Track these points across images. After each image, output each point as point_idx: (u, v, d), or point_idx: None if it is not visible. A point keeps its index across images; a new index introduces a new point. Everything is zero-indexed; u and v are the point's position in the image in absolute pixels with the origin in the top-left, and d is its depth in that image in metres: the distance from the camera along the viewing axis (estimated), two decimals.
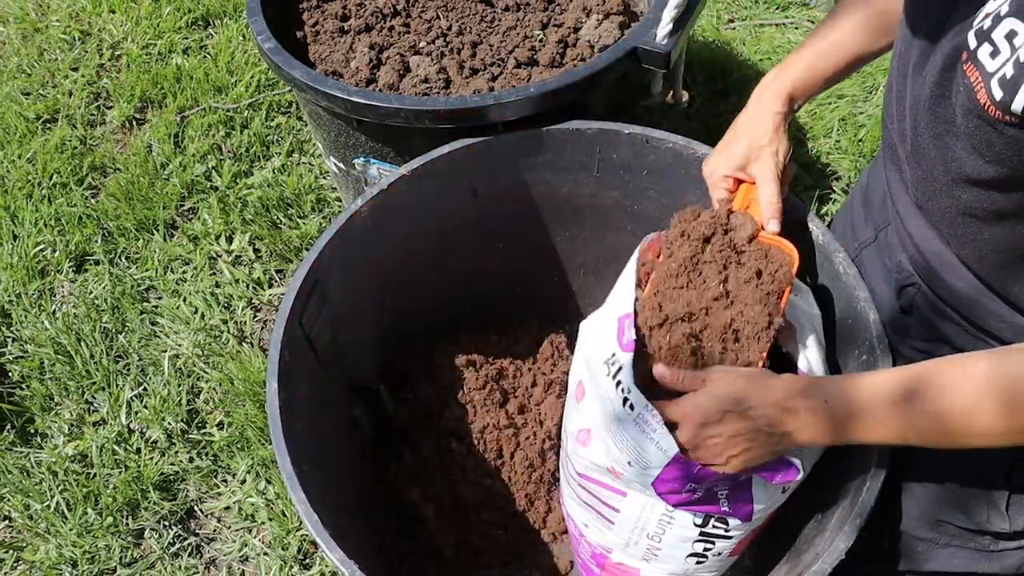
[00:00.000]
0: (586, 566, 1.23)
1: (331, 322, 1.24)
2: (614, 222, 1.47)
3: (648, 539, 1.07)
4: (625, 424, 0.94)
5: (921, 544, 1.06)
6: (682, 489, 0.97)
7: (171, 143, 2.22)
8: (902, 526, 1.07)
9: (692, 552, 1.06)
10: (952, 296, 0.92)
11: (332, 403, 1.31)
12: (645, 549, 1.08)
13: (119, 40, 2.50)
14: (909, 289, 1.00)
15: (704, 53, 2.37)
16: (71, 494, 1.66)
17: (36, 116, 2.32)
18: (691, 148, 1.29)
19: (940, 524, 1.03)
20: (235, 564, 1.62)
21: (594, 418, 1.00)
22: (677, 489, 0.97)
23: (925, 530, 1.04)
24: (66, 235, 2.06)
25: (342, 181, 1.71)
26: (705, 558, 1.07)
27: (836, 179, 2.12)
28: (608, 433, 0.98)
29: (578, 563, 1.28)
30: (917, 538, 1.06)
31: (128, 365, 1.84)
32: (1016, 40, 0.67)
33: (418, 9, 1.63)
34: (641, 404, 0.92)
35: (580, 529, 1.18)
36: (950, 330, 0.95)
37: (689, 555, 1.07)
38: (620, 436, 0.95)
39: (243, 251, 2.01)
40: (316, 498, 0.99)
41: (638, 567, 1.12)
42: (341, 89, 1.34)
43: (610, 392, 0.96)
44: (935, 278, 0.93)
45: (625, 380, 0.94)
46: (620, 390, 0.94)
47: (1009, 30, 0.68)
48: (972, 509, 0.99)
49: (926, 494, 1.03)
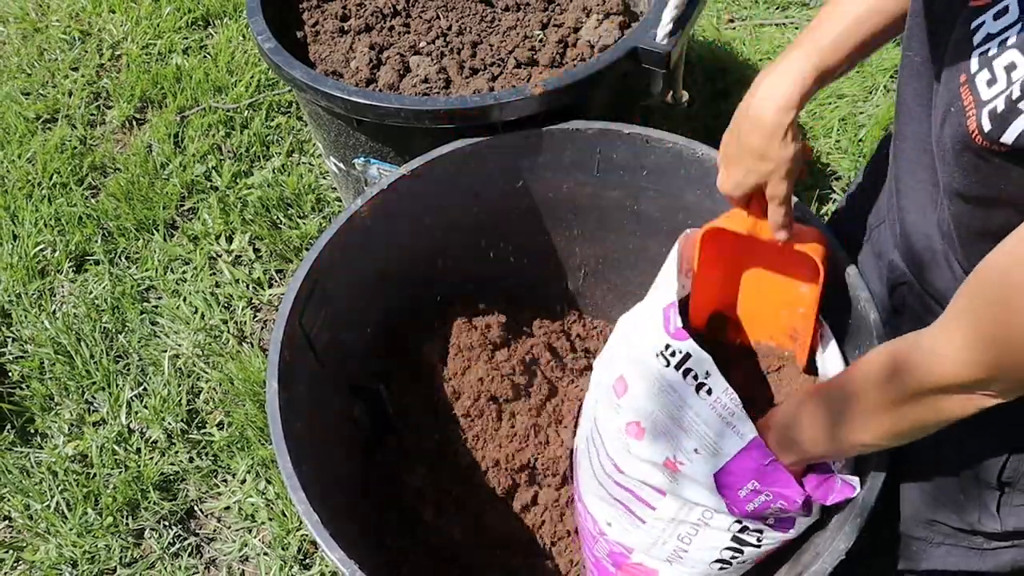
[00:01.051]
0: (600, 565, 1.22)
1: (331, 322, 1.24)
2: (614, 222, 1.47)
3: (678, 540, 1.07)
4: (698, 410, 0.95)
5: (916, 543, 1.06)
6: (743, 487, 0.96)
7: (171, 143, 2.22)
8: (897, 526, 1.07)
9: (719, 558, 1.06)
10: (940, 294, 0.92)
11: (332, 403, 1.31)
12: (672, 551, 1.08)
13: (119, 40, 2.50)
14: (901, 288, 1.00)
15: (704, 53, 2.37)
16: (71, 494, 1.66)
17: (36, 116, 2.32)
18: (691, 148, 1.29)
19: (933, 524, 1.03)
20: (235, 564, 1.62)
21: (648, 409, 0.99)
22: (739, 485, 0.96)
23: (919, 529, 1.05)
24: (66, 235, 2.06)
25: (342, 181, 1.71)
26: (730, 565, 1.07)
27: (836, 179, 2.12)
28: (672, 421, 0.97)
29: (589, 563, 1.27)
30: (912, 537, 1.06)
31: (128, 365, 1.84)
32: (1014, 74, 0.65)
33: (418, 9, 1.63)
34: (721, 388, 0.93)
35: (601, 527, 1.17)
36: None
37: (715, 560, 1.06)
38: (690, 423, 0.96)
39: (243, 251, 2.01)
40: (316, 498, 0.99)
41: (657, 568, 1.12)
42: (341, 89, 1.33)
43: (676, 380, 0.96)
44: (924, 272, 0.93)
45: (697, 366, 0.94)
46: (691, 377, 0.95)
47: (1010, 62, 0.66)
48: (964, 510, 0.99)
49: (919, 495, 1.03)
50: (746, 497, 0.97)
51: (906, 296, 0.99)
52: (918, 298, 0.96)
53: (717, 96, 2.28)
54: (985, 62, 0.69)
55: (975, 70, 0.69)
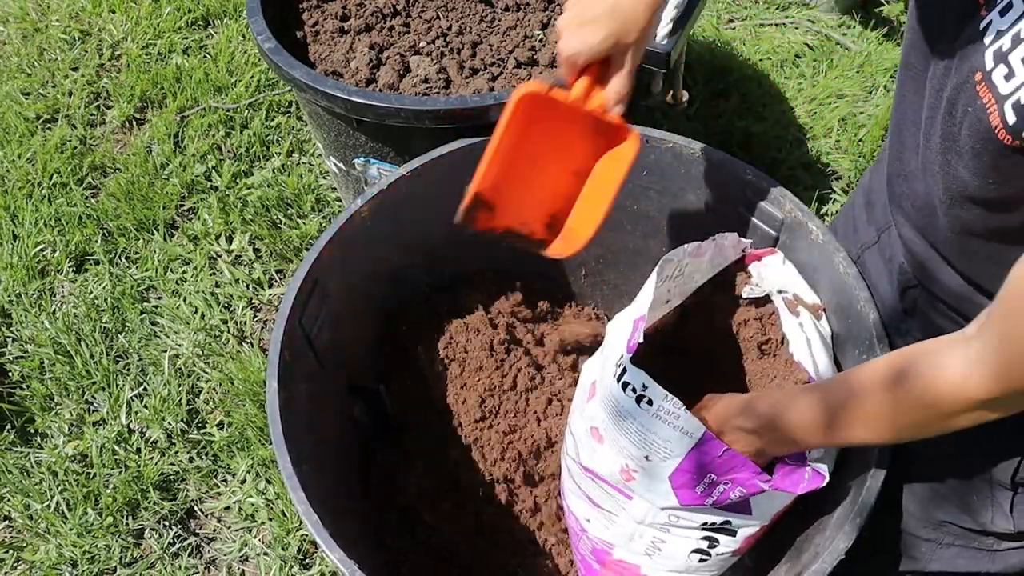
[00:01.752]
0: (586, 562, 1.23)
1: (331, 322, 1.24)
2: (614, 222, 1.46)
3: (653, 535, 1.07)
4: (642, 421, 0.96)
5: (924, 544, 1.05)
6: (700, 482, 0.97)
7: (171, 143, 2.22)
8: (905, 526, 1.07)
9: (696, 548, 1.06)
10: (950, 296, 0.92)
11: (332, 403, 1.31)
12: (649, 543, 1.09)
13: (119, 40, 2.50)
14: (912, 291, 1.00)
15: (704, 53, 2.37)
16: (71, 494, 1.66)
17: (36, 116, 2.32)
18: (691, 148, 1.29)
19: (943, 524, 1.03)
20: (235, 564, 1.62)
21: (601, 418, 1.01)
22: (695, 482, 0.97)
23: (928, 530, 1.04)
24: (66, 235, 2.06)
25: (342, 181, 1.71)
26: (709, 556, 1.07)
27: (836, 179, 2.12)
28: (620, 432, 0.98)
29: (577, 559, 1.28)
30: (920, 538, 1.06)
31: (128, 365, 1.84)
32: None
33: (418, 9, 1.63)
34: (660, 396, 0.94)
35: (581, 524, 1.18)
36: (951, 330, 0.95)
37: (693, 551, 1.07)
38: (636, 433, 0.96)
39: (243, 251, 2.01)
40: (316, 498, 0.99)
41: (639, 563, 1.12)
42: (341, 89, 1.34)
43: (618, 393, 0.97)
44: (931, 279, 0.93)
45: (634, 379, 0.95)
46: (630, 389, 0.95)
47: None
48: (976, 510, 0.99)
49: (929, 494, 1.03)
50: (704, 492, 0.98)
51: (917, 299, 0.99)
52: (928, 301, 0.97)
53: (717, 96, 2.28)
54: (1000, 57, 0.69)
55: (990, 67, 0.69)
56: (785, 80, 2.32)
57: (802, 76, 2.33)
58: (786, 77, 2.33)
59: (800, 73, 2.33)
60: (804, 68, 2.34)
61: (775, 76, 2.33)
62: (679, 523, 1.04)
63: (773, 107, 2.24)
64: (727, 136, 2.16)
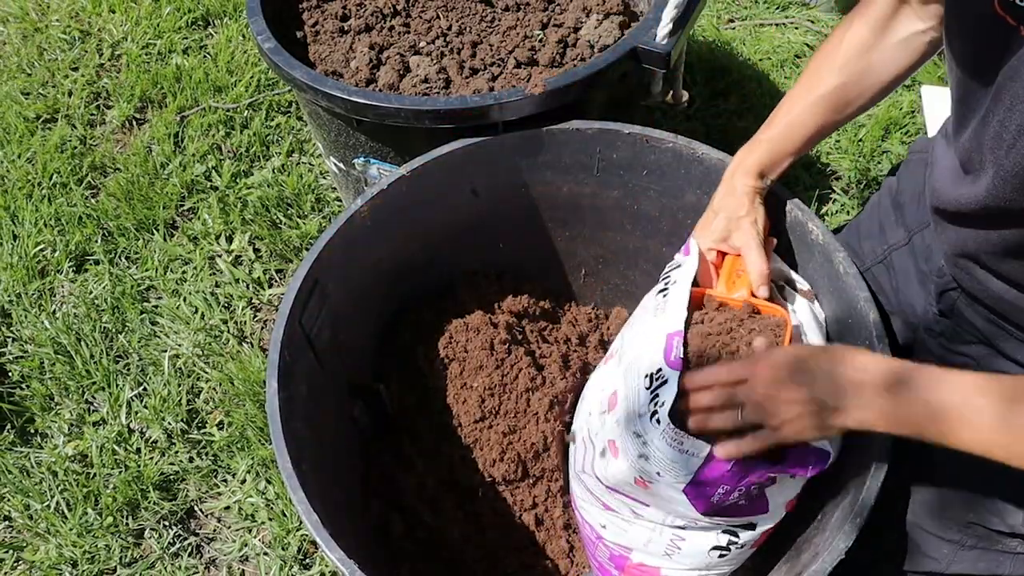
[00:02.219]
0: (604, 569, 1.22)
1: (331, 322, 1.24)
2: (614, 222, 1.47)
3: (672, 536, 1.07)
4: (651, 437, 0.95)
5: (947, 546, 1.05)
6: (715, 492, 0.97)
7: (171, 143, 2.22)
8: (929, 528, 1.06)
9: (716, 545, 1.07)
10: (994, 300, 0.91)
11: (332, 403, 1.31)
12: (668, 542, 1.09)
13: (119, 40, 2.50)
14: (951, 293, 0.99)
15: (704, 53, 2.37)
16: (71, 494, 1.66)
17: (36, 116, 2.32)
18: (691, 148, 1.29)
19: (970, 526, 1.02)
20: (235, 564, 1.62)
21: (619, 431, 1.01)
22: (711, 493, 0.97)
23: (953, 532, 1.04)
24: (66, 235, 2.06)
25: (342, 181, 1.71)
26: (728, 551, 1.07)
27: (836, 179, 2.12)
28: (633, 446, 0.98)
29: (594, 567, 1.28)
30: (944, 539, 1.05)
31: (128, 365, 1.84)
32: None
33: (418, 9, 1.63)
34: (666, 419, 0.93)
35: (597, 531, 1.17)
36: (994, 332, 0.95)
37: (712, 548, 1.07)
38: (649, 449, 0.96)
39: (243, 251, 2.01)
40: (316, 498, 0.99)
41: (659, 565, 1.12)
42: (341, 89, 1.34)
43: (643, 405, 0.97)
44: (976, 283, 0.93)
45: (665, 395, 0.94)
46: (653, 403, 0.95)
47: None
48: (1006, 511, 0.98)
49: (957, 496, 1.03)
50: (720, 499, 0.98)
51: (956, 301, 0.99)
52: (969, 303, 0.97)
53: (717, 96, 2.28)
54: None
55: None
56: (785, 80, 2.32)
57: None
58: (786, 77, 2.33)
59: (800, 73, 2.33)
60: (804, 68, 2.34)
61: (775, 76, 2.33)
62: (697, 525, 1.04)
63: (773, 107, 2.23)
64: (727, 136, 2.16)
